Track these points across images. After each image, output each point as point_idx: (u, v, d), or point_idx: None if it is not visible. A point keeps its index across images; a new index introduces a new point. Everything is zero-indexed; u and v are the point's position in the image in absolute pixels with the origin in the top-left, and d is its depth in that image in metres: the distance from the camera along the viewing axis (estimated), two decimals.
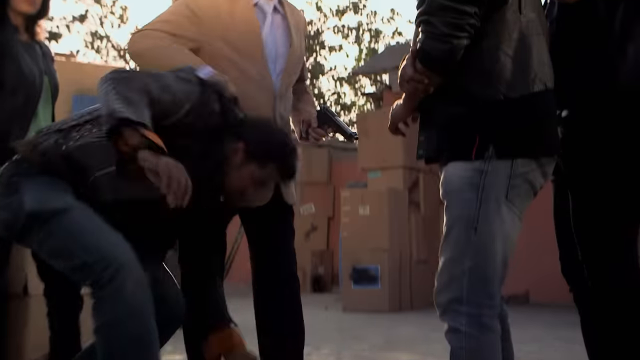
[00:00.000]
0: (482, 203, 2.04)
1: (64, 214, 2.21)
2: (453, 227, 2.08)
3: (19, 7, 3.06)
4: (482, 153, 2.03)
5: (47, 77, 3.13)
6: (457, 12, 1.97)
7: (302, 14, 2.96)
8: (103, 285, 2.12)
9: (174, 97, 2.21)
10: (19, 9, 3.07)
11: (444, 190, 2.13)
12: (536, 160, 2.09)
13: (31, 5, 3.07)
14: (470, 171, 2.05)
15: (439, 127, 2.13)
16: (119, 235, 2.18)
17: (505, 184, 2.05)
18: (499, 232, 2.05)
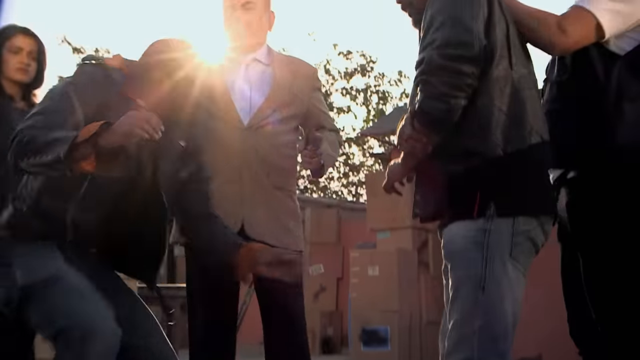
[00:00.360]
0: (488, 262, 2.04)
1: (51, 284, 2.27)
2: (460, 288, 2.09)
3: (13, 76, 3.24)
4: (484, 211, 2.05)
5: None
6: (456, 72, 2.02)
7: (307, 64, 3.07)
8: (70, 346, 2.16)
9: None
10: (13, 78, 3.25)
11: (447, 251, 2.15)
12: (536, 218, 2.11)
13: (25, 74, 3.25)
14: (473, 230, 2.06)
15: (437, 186, 2.14)
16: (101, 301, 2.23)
17: (508, 242, 2.06)
18: (507, 290, 2.06)
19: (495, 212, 2.05)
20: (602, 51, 2.29)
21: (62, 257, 2.32)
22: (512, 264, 2.08)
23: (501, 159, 2.07)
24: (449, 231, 2.14)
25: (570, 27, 2.24)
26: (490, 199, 2.05)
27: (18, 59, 3.26)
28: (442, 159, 2.12)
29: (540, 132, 2.15)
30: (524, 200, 2.09)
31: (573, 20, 2.25)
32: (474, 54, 2.02)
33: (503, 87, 2.11)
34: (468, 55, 2.01)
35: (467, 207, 2.07)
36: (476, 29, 2.04)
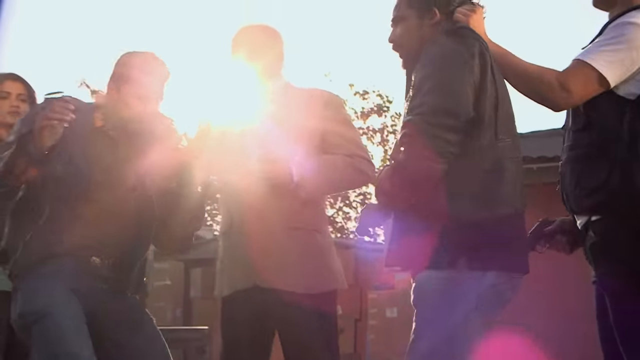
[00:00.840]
0: (454, 311, 2.09)
1: (40, 320, 2.41)
2: (423, 335, 2.13)
3: (5, 119, 3.30)
4: (455, 262, 2.08)
5: None
6: (440, 140, 2.08)
7: (320, 91, 3.01)
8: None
9: None
10: (5, 121, 3.29)
11: (415, 297, 2.19)
12: (507, 274, 2.15)
13: (17, 116, 3.22)
14: (442, 279, 2.11)
15: (412, 238, 2.17)
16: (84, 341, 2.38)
17: (475, 293, 2.10)
18: (469, 340, 2.10)
19: (465, 264, 2.09)
20: (613, 97, 2.32)
21: (60, 285, 2.46)
22: (476, 315, 2.11)
23: (474, 223, 2.11)
24: (418, 279, 2.18)
25: (572, 85, 2.30)
26: (462, 253, 2.09)
27: (8, 103, 3.36)
28: (417, 216, 2.16)
29: (514, 203, 2.19)
30: (492, 258, 2.12)
31: (574, 77, 2.31)
32: (460, 124, 2.08)
33: (485, 155, 2.15)
34: (454, 125, 2.08)
35: (439, 258, 2.11)
36: (465, 99, 2.10)
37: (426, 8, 2.32)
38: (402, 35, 2.36)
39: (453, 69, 2.13)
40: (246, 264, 2.70)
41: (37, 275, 2.50)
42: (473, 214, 2.12)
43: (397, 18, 2.37)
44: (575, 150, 2.40)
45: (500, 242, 2.14)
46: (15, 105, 3.36)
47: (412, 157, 2.10)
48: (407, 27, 2.35)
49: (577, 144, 2.40)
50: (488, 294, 2.12)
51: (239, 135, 2.79)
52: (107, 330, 2.59)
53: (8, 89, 3.39)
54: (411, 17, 2.34)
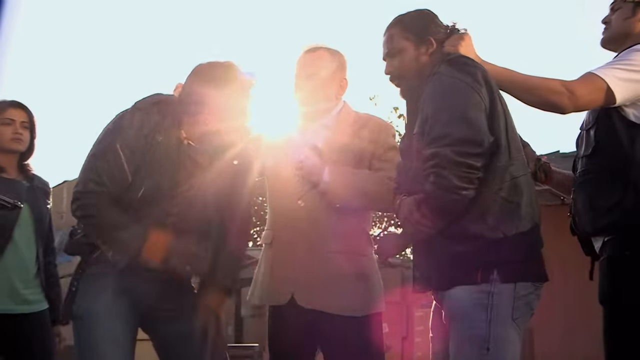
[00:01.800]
0: (492, 323, 2.13)
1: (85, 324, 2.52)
2: (463, 347, 2.17)
3: (8, 146, 3.37)
4: (487, 277, 2.15)
5: (26, 205, 3.35)
6: (468, 167, 2.11)
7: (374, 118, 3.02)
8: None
9: None
10: (8, 148, 3.38)
11: (451, 313, 2.23)
12: (533, 284, 2.22)
13: (19, 143, 3.39)
14: (477, 293, 2.16)
15: (440, 264, 2.23)
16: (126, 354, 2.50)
17: (510, 305, 2.16)
18: (509, 351, 2.15)
19: (498, 277, 2.14)
20: (625, 122, 2.38)
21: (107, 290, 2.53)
22: (512, 326, 2.16)
23: (501, 240, 2.17)
24: (452, 294, 2.21)
25: (577, 89, 2.33)
26: (493, 267, 2.15)
27: (11, 130, 3.38)
28: (444, 240, 2.21)
29: (534, 216, 2.25)
30: (522, 270, 2.19)
31: (581, 83, 2.35)
32: (484, 150, 2.13)
33: (503, 176, 2.21)
34: (479, 152, 2.12)
35: (471, 274, 2.16)
36: (483, 126, 2.15)
37: (422, 39, 2.38)
38: (401, 66, 2.40)
39: (466, 98, 2.17)
40: (285, 276, 2.74)
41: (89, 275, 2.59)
42: (499, 231, 2.17)
43: (394, 50, 2.41)
44: (586, 175, 2.45)
45: (525, 255, 2.23)
46: (19, 132, 3.38)
47: (443, 187, 2.12)
48: (405, 58, 2.40)
49: (588, 169, 2.45)
50: (520, 305, 2.18)
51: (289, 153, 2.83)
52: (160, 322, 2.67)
53: (12, 116, 3.39)
54: (409, 49, 2.39)
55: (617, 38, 2.56)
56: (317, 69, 2.85)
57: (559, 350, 7.16)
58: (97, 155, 2.47)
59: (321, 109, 2.88)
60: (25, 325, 3.34)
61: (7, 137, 3.36)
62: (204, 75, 2.53)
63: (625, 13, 2.53)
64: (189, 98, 2.51)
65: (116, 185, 2.45)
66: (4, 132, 3.37)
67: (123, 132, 2.46)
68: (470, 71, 2.23)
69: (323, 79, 2.85)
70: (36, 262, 3.43)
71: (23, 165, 3.47)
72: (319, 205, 2.74)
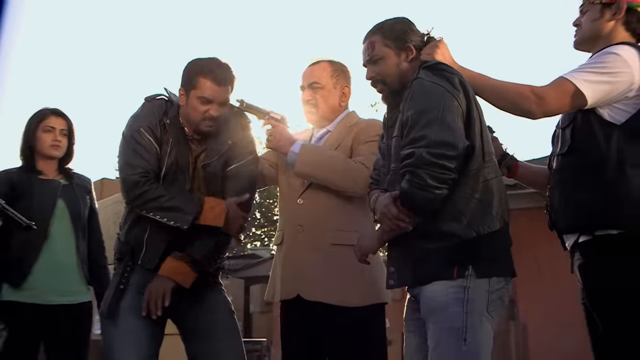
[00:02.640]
0: (468, 316, 2.15)
1: (110, 321, 2.61)
2: (442, 340, 2.18)
3: (48, 152, 3.46)
4: (463, 273, 2.17)
5: (62, 202, 3.44)
6: (442, 167, 2.13)
7: (369, 120, 3.03)
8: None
9: None
10: (48, 154, 3.47)
11: (428, 307, 2.23)
12: (505, 279, 2.24)
13: (57, 150, 3.48)
14: (454, 287, 2.17)
15: (416, 261, 2.25)
16: (143, 348, 2.55)
17: (485, 298, 2.18)
18: (484, 341, 2.17)
19: (473, 273, 2.17)
20: (601, 122, 2.35)
21: (134, 288, 2.64)
22: (486, 318, 2.19)
23: (474, 238, 2.20)
24: (429, 290, 2.23)
25: (546, 94, 2.32)
26: (468, 264, 2.18)
27: (51, 137, 3.47)
28: (420, 238, 2.23)
29: (504, 216, 2.29)
30: (494, 266, 2.22)
31: (550, 88, 2.34)
32: (458, 153, 2.15)
33: (477, 178, 2.23)
34: (454, 154, 2.14)
35: (447, 271, 2.18)
36: (459, 130, 2.18)
37: (402, 46, 2.40)
38: (383, 72, 2.42)
39: (444, 103, 2.19)
40: (292, 276, 2.77)
41: (118, 285, 2.67)
42: (472, 230, 2.20)
43: (376, 57, 2.42)
44: (563, 173, 2.44)
45: (496, 252, 2.25)
46: (58, 139, 3.48)
47: (417, 185, 2.15)
48: (387, 64, 2.41)
49: (564, 167, 2.44)
50: (494, 298, 2.20)
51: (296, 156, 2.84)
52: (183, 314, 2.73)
53: (52, 124, 3.49)
54: (390, 55, 2.41)
55: (588, 39, 2.54)
56: (319, 78, 2.90)
57: (552, 342, 7.18)
58: (128, 145, 2.65)
59: (326, 116, 2.91)
60: (67, 316, 3.38)
61: (47, 144, 3.46)
62: (188, 68, 2.73)
63: (594, 15, 2.51)
64: (181, 87, 2.74)
65: (152, 164, 2.64)
66: (45, 139, 3.47)
67: (141, 119, 2.68)
68: (448, 77, 2.25)
69: (325, 88, 2.90)
70: (76, 254, 3.48)
71: (64, 168, 3.56)
72: (319, 202, 2.78)
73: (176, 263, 2.59)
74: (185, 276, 2.58)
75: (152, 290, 2.54)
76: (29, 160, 3.48)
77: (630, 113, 2.33)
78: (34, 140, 3.47)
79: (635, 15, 2.48)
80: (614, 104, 2.34)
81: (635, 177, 2.27)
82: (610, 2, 2.47)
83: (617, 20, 2.47)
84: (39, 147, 3.47)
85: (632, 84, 2.33)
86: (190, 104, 2.66)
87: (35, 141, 3.47)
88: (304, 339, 2.78)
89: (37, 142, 3.47)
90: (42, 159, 3.49)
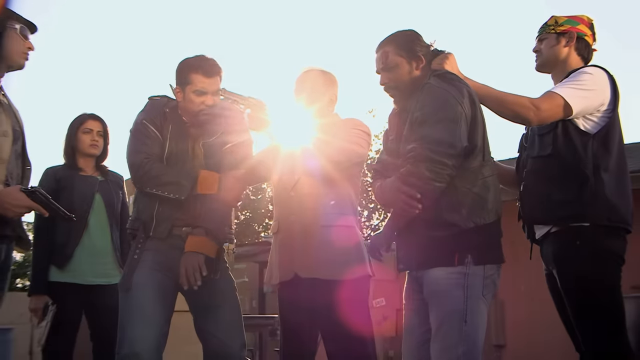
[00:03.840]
0: (468, 299, 2.19)
1: (126, 294, 2.56)
2: (445, 321, 2.21)
3: (87, 151, 3.58)
4: (463, 260, 2.21)
5: (99, 196, 3.55)
6: (439, 163, 2.18)
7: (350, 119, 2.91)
8: (119, 358, 2.50)
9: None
10: (87, 152, 3.59)
11: (431, 290, 2.27)
12: (497, 266, 2.29)
13: (96, 149, 3.61)
14: (455, 274, 2.21)
15: (421, 247, 2.28)
16: (152, 322, 2.50)
17: (481, 284, 2.22)
18: (480, 322, 2.21)
19: (471, 260, 2.20)
20: (577, 131, 2.44)
21: (147, 265, 2.60)
22: (482, 301, 2.22)
23: (472, 229, 2.23)
24: (432, 274, 2.26)
25: (542, 105, 2.40)
26: (467, 252, 2.21)
27: (90, 137, 3.59)
28: (424, 227, 2.26)
29: (498, 211, 2.31)
30: (489, 254, 2.26)
31: (544, 100, 2.42)
32: (457, 152, 2.20)
33: (477, 175, 2.27)
34: (452, 153, 2.19)
35: (449, 258, 2.22)
36: (459, 132, 2.21)
37: (414, 55, 2.40)
38: (397, 79, 2.42)
39: (449, 107, 2.21)
40: (288, 259, 2.75)
41: (133, 255, 2.66)
42: (471, 221, 2.22)
43: (390, 65, 2.42)
44: (541, 173, 2.50)
45: (492, 242, 2.29)
46: (95, 140, 3.59)
47: (416, 176, 2.18)
48: (400, 72, 2.40)
49: (542, 168, 2.49)
50: (488, 283, 2.24)
51: (288, 155, 2.79)
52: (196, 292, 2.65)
53: (90, 127, 3.60)
54: (403, 64, 2.40)
55: (547, 63, 2.64)
56: (317, 89, 2.84)
57: (524, 316, 7.22)
58: (134, 135, 2.69)
59: (319, 120, 2.83)
60: (103, 294, 3.45)
61: (87, 144, 3.58)
62: (180, 67, 2.71)
63: (551, 42, 2.61)
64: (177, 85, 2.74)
65: (154, 149, 2.67)
66: (84, 140, 3.59)
67: (143, 113, 2.73)
68: (456, 85, 2.28)
69: (323, 97, 2.84)
70: (111, 241, 3.56)
71: (100, 166, 3.68)
72: (308, 193, 2.73)
73: (197, 238, 2.59)
74: (209, 248, 2.59)
75: (188, 266, 2.51)
76: (71, 159, 3.59)
77: (600, 125, 2.44)
78: (75, 141, 3.59)
79: (583, 43, 2.63)
80: (588, 116, 2.44)
81: (607, 179, 2.38)
82: (564, 31, 2.61)
83: (570, 46, 2.61)
84: (79, 147, 3.58)
85: (604, 100, 2.45)
86: (187, 99, 2.68)
87: (76, 142, 3.59)
88: (301, 316, 2.72)
89: (78, 143, 3.58)
90: (82, 157, 3.60)
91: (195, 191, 2.60)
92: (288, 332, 2.77)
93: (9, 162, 2.39)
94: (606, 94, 2.45)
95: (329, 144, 2.69)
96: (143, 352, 2.45)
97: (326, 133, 2.76)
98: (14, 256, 2.87)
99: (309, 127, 2.83)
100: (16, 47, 2.44)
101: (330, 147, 2.69)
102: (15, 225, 2.47)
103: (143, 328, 2.48)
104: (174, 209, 2.65)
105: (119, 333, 2.54)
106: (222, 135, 2.73)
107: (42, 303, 3.40)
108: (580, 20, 2.64)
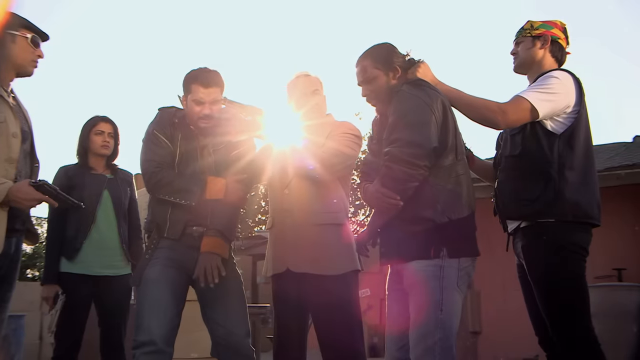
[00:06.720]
0: (444, 290, 2.20)
1: (143, 286, 2.60)
2: (422, 309, 2.21)
3: (99, 151, 3.60)
4: (438, 253, 2.22)
5: (107, 192, 3.56)
6: (411, 165, 2.19)
7: (342, 123, 2.91)
8: (134, 347, 2.53)
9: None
10: (99, 152, 3.61)
11: (410, 282, 2.28)
12: (471, 258, 2.30)
13: (107, 149, 3.63)
14: (431, 266, 2.22)
15: (401, 242, 2.29)
16: (166, 313, 2.54)
17: (456, 275, 2.23)
18: (455, 310, 2.22)
19: (446, 254, 2.22)
20: (545, 131, 2.45)
21: (161, 261, 2.63)
22: (457, 292, 2.24)
23: (447, 223, 2.23)
24: (410, 267, 2.27)
25: (509, 109, 2.39)
26: (442, 246, 2.22)
27: (101, 139, 3.61)
28: (402, 223, 2.27)
29: (472, 205, 2.32)
30: (463, 247, 2.27)
31: (511, 104, 2.41)
32: (427, 152, 2.21)
33: (450, 172, 2.28)
34: (422, 153, 2.20)
35: (425, 251, 2.23)
36: (429, 134, 2.21)
37: (390, 67, 2.42)
38: (376, 90, 2.44)
39: (419, 111, 2.23)
40: (281, 253, 2.76)
41: (146, 254, 2.69)
42: (445, 216, 2.23)
43: (369, 78, 2.44)
44: (512, 171, 2.52)
45: (466, 235, 2.29)
46: (106, 141, 3.60)
47: (391, 177, 2.21)
48: (378, 83, 2.43)
49: (514, 167, 2.51)
50: (462, 274, 2.25)
51: (281, 155, 2.80)
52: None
53: (102, 128, 3.61)
54: (380, 76, 2.42)
55: (524, 65, 2.64)
56: (298, 90, 2.84)
57: (499, 305, 7.29)
58: (146, 145, 2.72)
59: (310, 121, 2.83)
60: (111, 285, 3.48)
61: (98, 145, 3.60)
62: (185, 78, 2.75)
63: (527, 45, 2.62)
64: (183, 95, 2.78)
65: (165, 158, 2.70)
66: (96, 141, 3.60)
67: (154, 124, 2.76)
68: (426, 91, 2.29)
69: (304, 99, 2.84)
70: (118, 235, 3.56)
71: (111, 164, 3.69)
72: (301, 191, 2.73)
73: (213, 239, 2.63)
74: (223, 249, 2.64)
75: (206, 267, 2.56)
76: (83, 158, 3.62)
77: (566, 125, 2.44)
78: (87, 142, 3.61)
79: (557, 46, 2.64)
80: (555, 117, 2.44)
81: (571, 178, 2.39)
82: (539, 34, 2.62)
83: (545, 49, 2.62)
84: (91, 147, 3.60)
85: (569, 102, 2.44)
86: (189, 107, 2.74)
87: (88, 142, 3.61)
88: (292, 307, 2.73)
89: (90, 143, 3.60)
90: (93, 157, 3.62)
91: (204, 196, 2.63)
92: (280, 321, 2.76)
93: (19, 161, 2.40)
94: (571, 96, 2.44)
95: (324, 148, 2.68)
96: (158, 338, 2.51)
97: (317, 134, 2.76)
98: (24, 248, 2.90)
99: (300, 130, 2.86)
100: (26, 55, 2.45)
101: (326, 150, 2.68)
102: (24, 219, 2.48)
103: (158, 318, 2.53)
104: (186, 212, 2.68)
105: (136, 321, 2.59)
106: (228, 140, 2.74)
107: (53, 292, 3.42)
108: (554, 25, 2.65)
